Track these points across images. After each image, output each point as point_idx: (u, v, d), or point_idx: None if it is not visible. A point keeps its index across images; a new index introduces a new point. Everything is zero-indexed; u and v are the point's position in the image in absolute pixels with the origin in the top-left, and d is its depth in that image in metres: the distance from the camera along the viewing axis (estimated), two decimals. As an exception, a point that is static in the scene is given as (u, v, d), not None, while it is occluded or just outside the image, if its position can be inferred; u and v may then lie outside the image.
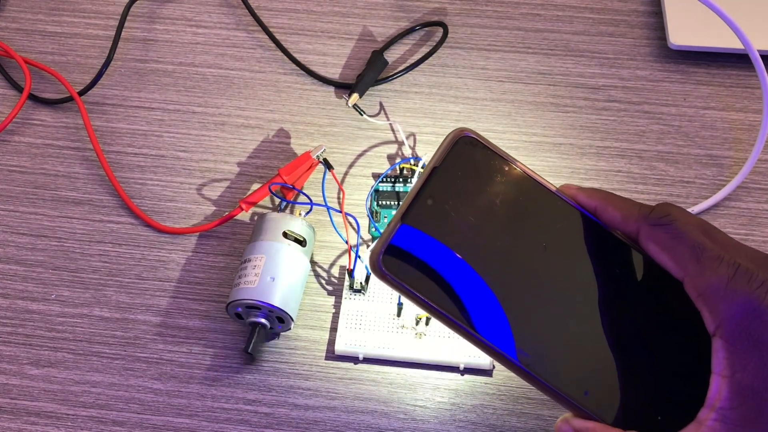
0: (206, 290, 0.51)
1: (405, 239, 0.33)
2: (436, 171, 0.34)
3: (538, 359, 0.33)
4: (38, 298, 0.51)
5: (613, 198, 0.36)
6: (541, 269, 0.35)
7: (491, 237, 0.34)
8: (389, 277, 0.33)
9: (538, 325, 0.34)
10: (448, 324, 0.33)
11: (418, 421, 0.46)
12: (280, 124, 0.58)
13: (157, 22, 0.63)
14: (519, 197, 0.35)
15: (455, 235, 0.34)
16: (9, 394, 0.48)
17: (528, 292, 0.34)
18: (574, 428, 0.34)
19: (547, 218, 0.35)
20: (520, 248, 0.35)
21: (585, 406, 0.33)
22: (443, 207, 0.34)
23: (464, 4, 0.64)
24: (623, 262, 0.35)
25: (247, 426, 0.46)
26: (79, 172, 0.56)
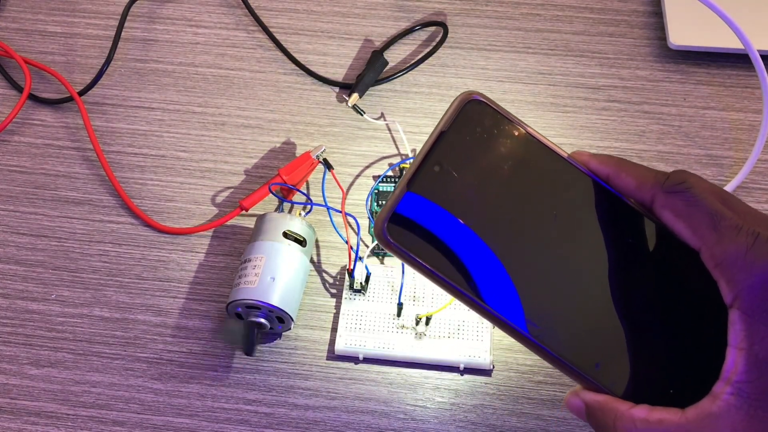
0: (206, 290, 0.51)
1: (410, 207, 0.32)
2: (443, 136, 0.33)
3: (548, 331, 0.32)
4: (38, 298, 0.51)
5: (627, 164, 0.34)
6: (552, 238, 0.33)
7: (500, 204, 0.33)
8: (394, 246, 0.32)
9: (548, 296, 0.33)
10: (455, 294, 0.32)
11: (418, 421, 0.46)
12: (280, 124, 0.58)
13: (157, 22, 0.63)
14: (529, 163, 0.34)
15: (462, 202, 0.33)
16: (9, 394, 0.48)
17: (537, 262, 0.33)
18: (584, 401, 0.33)
19: (558, 185, 0.34)
20: (530, 216, 0.33)
21: (595, 379, 0.32)
22: (450, 173, 0.33)
23: (464, 4, 0.64)
24: (636, 231, 0.34)
25: (247, 426, 0.46)
26: (79, 172, 0.56)
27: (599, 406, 0.32)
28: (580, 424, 0.46)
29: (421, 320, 0.48)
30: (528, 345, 0.33)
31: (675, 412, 0.31)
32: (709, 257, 0.31)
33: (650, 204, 0.33)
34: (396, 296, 0.49)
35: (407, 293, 0.49)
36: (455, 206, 0.32)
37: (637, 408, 0.31)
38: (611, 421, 0.32)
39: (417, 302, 0.49)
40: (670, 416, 0.31)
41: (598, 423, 0.32)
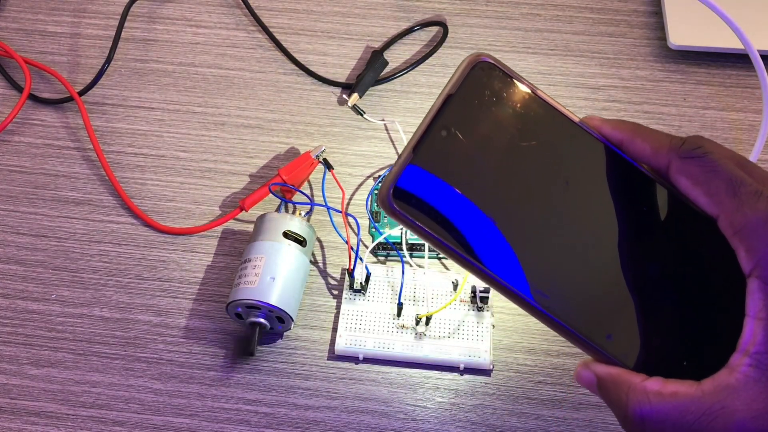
0: (206, 290, 0.51)
1: (416, 172, 0.31)
2: (450, 99, 0.31)
3: (559, 301, 0.31)
4: (38, 298, 0.51)
5: (642, 129, 0.33)
6: (563, 205, 0.32)
7: (508, 171, 0.32)
8: (399, 213, 0.30)
9: (559, 265, 0.32)
10: (461, 262, 0.31)
11: (418, 421, 0.46)
12: (280, 124, 0.58)
13: (157, 22, 0.63)
14: (540, 128, 0.32)
15: (470, 167, 0.31)
16: (9, 394, 0.48)
17: (547, 230, 0.32)
18: (595, 373, 0.32)
19: (570, 151, 0.33)
20: (540, 182, 0.32)
21: (607, 351, 0.31)
22: (458, 138, 0.31)
23: (464, 4, 0.64)
24: (650, 199, 0.33)
25: (247, 426, 0.46)
26: (79, 172, 0.56)
27: (611, 379, 0.31)
28: (580, 424, 0.46)
29: (421, 320, 0.48)
30: (537, 315, 0.32)
31: (690, 385, 0.30)
32: (728, 225, 0.30)
33: (665, 170, 0.32)
34: (396, 296, 0.49)
35: (407, 293, 0.49)
36: (462, 172, 0.31)
37: (651, 380, 0.30)
38: (623, 394, 0.31)
39: (417, 302, 0.49)
40: (684, 389, 0.30)
41: (610, 396, 0.31)
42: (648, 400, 0.30)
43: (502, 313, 0.50)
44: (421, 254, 0.51)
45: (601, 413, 0.46)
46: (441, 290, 0.50)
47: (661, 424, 0.30)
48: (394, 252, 0.52)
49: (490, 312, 0.49)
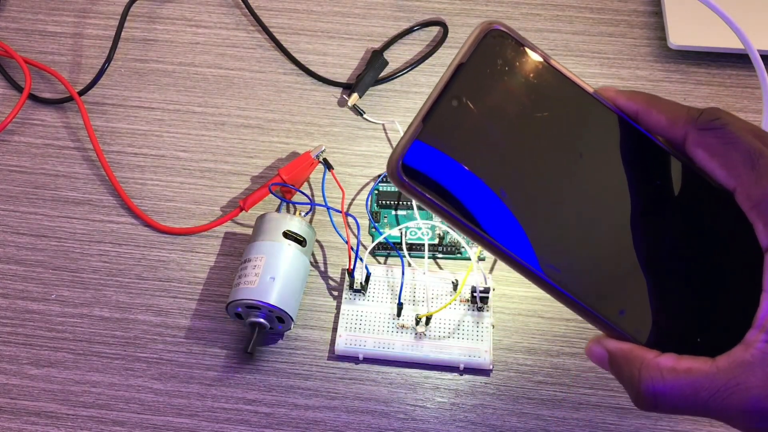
0: (206, 290, 0.51)
1: (426, 143, 0.30)
2: (461, 68, 0.30)
3: (571, 275, 0.31)
4: (38, 298, 0.51)
5: (658, 100, 0.32)
6: (576, 178, 0.31)
7: (521, 142, 0.31)
8: (408, 185, 0.29)
9: (571, 239, 0.31)
10: (472, 236, 0.30)
11: (418, 421, 0.46)
12: (280, 124, 0.58)
13: (157, 22, 0.63)
14: (553, 98, 0.32)
15: (481, 138, 0.30)
16: (9, 394, 0.48)
17: (560, 203, 0.31)
18: (607, 349, 0.31)
19: (584, 123, 0.32)
20: (553, 154, 0.31)
21: (620, 327, 0.31)
22: (469, 108, 0.30)
23: (464, 4, 0.64)
24: (664, 172, 0.32)
25: (247, 426, 0.46)
26: (79, 172, 0.56)
27: (623, 355, 0.31)
28: (580, 424, 0.46)
29: (421, 320, 0.48)
30: (549, 290, 0.31)
31: (705, 361, 0.29)
32: (745, 198, 0.30)
33: (681, 142, 0.31)
34: (396, 296, 0.49)
35: (407, 293, 0.50)
36: (473, 143, 0.30)
37: (664, 356, 0.30)
38: (636, 370, 0.30)
39: (417, 302, 0.49)
40: (699, 365, 0.29)
41: (622, 372, 0.31)
42: (661, 377, 0.29)
43: (502, 313, 0.50)
44: (421, 254, 0.51)
45: (601, 413, 0.46)
46: (441, 290, 0.50)
47: (674, 401, 0.29)
48: (394, 252, 0.52)
49: (490, 312, 0.49)
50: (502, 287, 0.51)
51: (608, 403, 0.47)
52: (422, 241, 0.52)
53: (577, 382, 0.47)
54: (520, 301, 0.50)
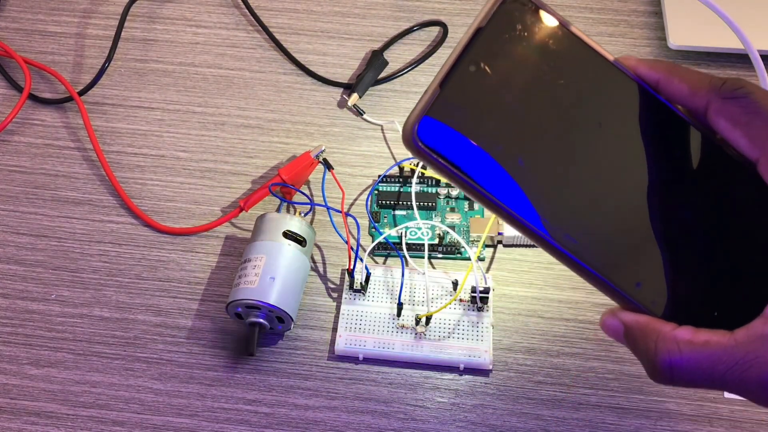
0: (206, 290, 0.51)
1: (443, 109, 0.29)
2: (479, 33, 0.29)
3: (588, 247, 0.30)
4: (38, 298, 0.51)
5: (680, 69, 0.31)
6: (595, 147, 0.31)
7: (540, 109, 0.30)
8: (423, 151, 0.29)
9: (589, 209, 0.31)
10: (489, 206, 0.30)
11: (418, 421, 0.46)
12: (280, 124, 0.58)
13: (157, 22, 0.63)
14: (573, 66, 0.31)
15: (499, 105, 0.30)
16: (9, 394, 0.48)
17: (578, 172, 0.31)
18: (622, 322, 0.31)
19: (603, 91, 0.31)
20: (572, 122, 0.31)
21: (636, 299, 0.30)
22: (486, 74, 0.29)
23: (464, 4, 0.64)
24: (685, 143, 0.32)
25: (247, 426, 0.46)
26: (79, 172, 0.56)
27: (639, 327, 0.30)
28: (580, 424, 0.46)
29: (421, 320, 0.48)
30: (566, 261, 0.30)
31: (723, 334, 0.29)
32: None
33: (703, 112, 0.31)
34: (396, 296, 0.49)
35: (407, 293, 0.50)
36: (491, 109, 0.30)
37: (681, 329, 0.29)
38: (652, 342, 0.29)
39: (417, 302, 0.49)
40: (717, 338, 0.28)
41: (637, 345, 0.30)
42: (678, 349, 0.29)
43: (502, 313, 0.50)
44: (421, 254, 0.51)
45: (601, 413, 0.46)
46: (441, 290, 0.50)
47: (690, 374, 0.29)
48: (394, 252, 0.52)
49: (490, 312, 0.49)
50: (502, 287, 0.51)
51: (608, 403, 0.47)
52: (422, 241, 0.52)
53: (577, 382, 0.47)
54: (520, 301, 0.50)
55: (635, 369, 0.48)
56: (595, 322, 0.49)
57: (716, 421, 0.46)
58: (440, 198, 0.53)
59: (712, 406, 0.46)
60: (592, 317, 0.50)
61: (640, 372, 0.48)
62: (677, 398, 0.47)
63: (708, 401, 0.47)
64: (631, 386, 0.47)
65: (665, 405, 0.46)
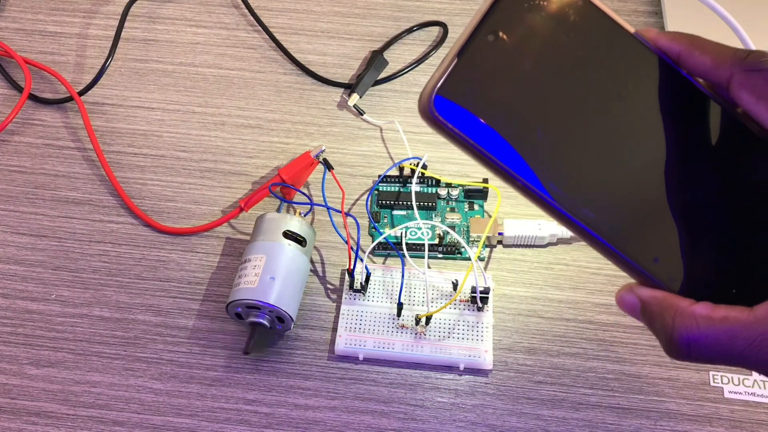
0: (206, 290, 0.51)
1: (460, 78, 0.28)
2: (498, 2, 0.29)
3: (605, 221, 0.30)
4: (38, 298, 0.51)
5: (702, 41, 0.31)
6: (614, 120, 0.30)
7: (559, 80, 0.30)
8: (439, 122, 0.28)
9: (607, 182, 0.30)
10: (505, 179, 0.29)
11: (418, 421, 0.46)
12: (280, 124, 0.58)
13: (157, 22, 0.63)
14: (592, 37, 0.30)
15: (518, 75, 0.29)
16: (9, 394, 0.48)
17: (596, 145, 0.30)
18: (639, 297, 0.30)
19: (623, 63, 0.31)
20: (592, 95, 0.30)
21: (653, 274, 0.30)
22: (505, 44, 0.29)
23: (464, 4, 0.64)
24: (705, 117, 0.31)
25: (247, 426, 0.46)
26: (79, 172, 0.56)
27: (656, 303, 0.30)
28: (579, 424, 0.46)
29: (421, 320, 0.48)
30: (583, 235, 0.30)
31: (742, 310, 0.28)
32: None
33: (725, 84, 0.30)
34: (396, 296, 0.49)
35: (407, 293, 0.50)
36: (509, 79, 0.29)
37: (699, 305, 0.29)
38: (669, 317, 0.29)
39: (417, 302, 0.49)
40: (736, 314, 0.28)
41: (654, 320, 0.30)
42: (696, 325, 0.28)
43: (502, 313, 0.50)
44: (421, 254, 0.51)
45: (601, 413, 0.46)
46: (441, 290, 0.50)
47: (708, 350, 0.28)
48: (394, 252, 0.52)
49: (490, 312, 0.49)
50: (502, 287, 0.51)
51: (608, 403, 0.47)
52: (422, 241, 0.52)
53: (577, 382, 0.47)
54: (520, 301, 0.50)
55: (635, 369, 0.48)
56: (595, 322, 0.49)
57: (716, 421, 0.46)
58: (440, 198, 0.53)
59: (712, 406, 0.46)
60: (592, 317, 0.50)
61: (640, 372, 0.48)
62: (677, 398, 0.47)
63: (708, 401, 0.47)
64: (631, 386, 0.47)
65: (665, 405, 0.46)
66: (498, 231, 0.52)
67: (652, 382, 0.47)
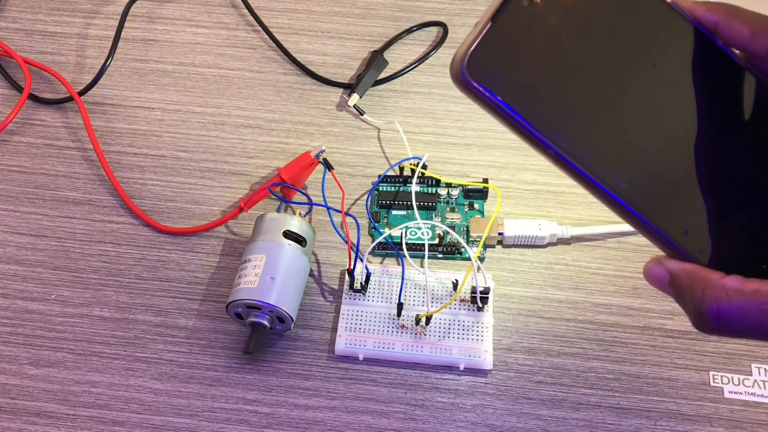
0: (206, 290, 0.51)
1: (494, 43, 0.28)
2: None
3: (637, 193, 0.29)
4: (38, 298, 0.51)
5: (740, 10, 0.30)
6: (648, 91, 0.30)
7: (593, 48, 0.29)
8: (471, 86, 0.28)
9: (639, 154, 0.30)
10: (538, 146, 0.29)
11: (418, 421, 0.46)
12: (280, 124, 0.58)
13: (157, 22, 0.63)
14: (627, 5, 0.30)
15: (551, 41, 0.28)
16: (9, 394, 0.48)
17: (630, 115, 0.30)
18: (668, 270, 0.30)
19: (659, 33, 0.30)
20: (626, 64, 0.30)
21: (683, 247, 0.30)
22: (539, 9, 0.28)
23: (464, 4, 0.64)
24: (741, 89, 0.31)
25: (247, 426, 0.46)
26: (79, 172, 0.56)
27: (686, 275, 0.29)
28: (579, 424, 0.46)
29: (421, 320, 0.48)
30: (613, 206, 0.30)
31: None
32: None
33: (764, 55, 0.30)
34: (396, 296, 0.49)
35: (407, 293, 0.50)
36: (543, 45, 0.28)
37: (730, 278, 0.28)
38: (699, 290, 0.29)
39: (417, 302, 0.49)
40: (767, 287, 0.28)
41: (683, 293, 0.29)
42: (727, 297, 0.28)
43: (502, 313, 0.50)
44: (421, 254, 0.51)
45: (601, 413, 0.46)
46: (441, 290, 0.50)
47: (738, 323, 0.28)
48: (394, 252, 0.52)
49: (490, 312, 0.49)
50: (502, 287, 0.51)
51: (608, 403, 0.47)
52: (422, 241, 0.52)
53: (577, 382, 0.47)
54: (520, 301, 0.50)
55: (635, 369, 0.48)
56: (595, 322, 0.49)
57: (716, 421, 0.46)
58: (440, 198, 0.53)
59: (712, 406, 0.46)
60: (592, 317, 0.50)
61: (640, 372, 0.48)
62: (677, 398, 0.47)
63: (708, 401, 0.47)
64: (631, 386, 0.47)
65: (665, 405, 0.47)
66: (498, 231, 0.52)
67: (652, 382, 0.47)
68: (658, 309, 0.50)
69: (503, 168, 0.55)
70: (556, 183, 0.55)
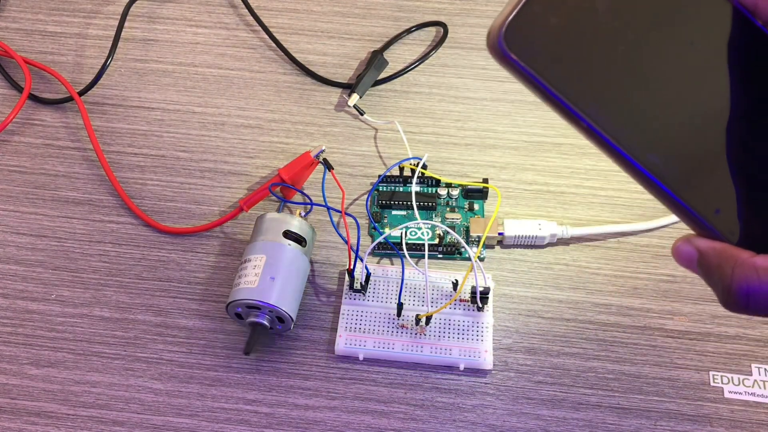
0: (206, 290, 0.51)
1: (531, 14, 0.27)
2: None
3: (669, 169, 0.29)
4: (38, 298, 0.51)
5: None
6: (683, 68, 0.30)
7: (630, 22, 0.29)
8: (508, 57, 0.27)
9: (674, 130, 0.29)
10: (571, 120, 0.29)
11: (418, 421, 0.46)
12: (280, 124, 0.58)
13: (157, 22, 0.63)
14: None
15: (589, 14, 0.28)
16: (9, 394, 0.48)
17: (666, 92, 0.29)
18: (697, 248, 0.30)
19: (697, 10, 0.30)
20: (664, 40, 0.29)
21: (714, 225, 0.29)
22: None
23: (464, 4, 0.64)
24: None
25: (247, 426, 0.46)
26: (79, 172, 0.56)
27: (715, 254, 0.29)
28: (579, 424, 0.46)
29: (421, 320, 0.48)
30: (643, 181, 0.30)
31: None
32: None
33: None
34: (396, 296, 0.49)
35: (407, 293, 0.50)
36: (581, 18, 0.28)
37: (761, 257, 0.28)
38: (729, 268, 0.28)
39: (417, 302, 0.49)
40: None
41: (711, 272, 0.29)
42: (757, 276, 0.28)
43: (502, 312, 0.50)
44: (421, 254, 0.51)
45: (601, 413, 0.46)
46: (441, 290, 0.50)
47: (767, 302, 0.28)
48: (394, 252, 0.52)
49: (490, 312, 0.49)
50: (502, 287, 0.51)
51: (608, 403, 0.47)
52: (422, 241, 0.52)
53: (577, 382, 0.47)
54: (520, 301, 0.50)
55: (635, 369, 0.48)
56: (595, 322, 0.49)
57: (716, 421, 0.46)
58: (440, 198, 0.53)
59: (712, 406, 0.46)
60: (592, 317, 0.50)
61: (640, 372, 0.48)
62: (677, 398, 0.47)
63: (708, 401, 0.47)
64: (631, 386, 0.47)
65: (665, 405, 0.47)
66: (498, 231, 0.52)
67: (652, 382, 0.47)
68: (657, 309, 0.50)
69: (503, 168, 0.55)
70: (556, 183, 0.55)
